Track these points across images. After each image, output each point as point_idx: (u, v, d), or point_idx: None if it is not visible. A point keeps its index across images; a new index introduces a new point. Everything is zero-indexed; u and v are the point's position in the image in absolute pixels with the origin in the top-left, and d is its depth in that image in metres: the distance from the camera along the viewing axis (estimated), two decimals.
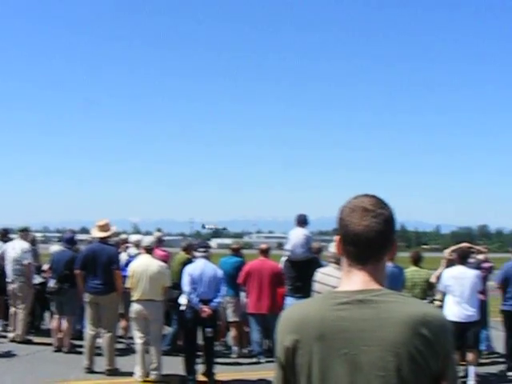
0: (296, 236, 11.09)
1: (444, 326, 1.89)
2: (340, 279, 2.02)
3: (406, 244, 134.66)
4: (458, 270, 8.75)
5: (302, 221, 11.26)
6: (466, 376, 8.64)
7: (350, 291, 1.92)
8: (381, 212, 1.95)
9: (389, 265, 9.19)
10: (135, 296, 8.64)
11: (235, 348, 10.49)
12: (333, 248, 6.89)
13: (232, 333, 10.65)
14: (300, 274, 9.67)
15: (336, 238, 2.02)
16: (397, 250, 2.08)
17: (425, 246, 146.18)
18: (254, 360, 9.94)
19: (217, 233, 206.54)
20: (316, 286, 6.84)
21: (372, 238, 1.93)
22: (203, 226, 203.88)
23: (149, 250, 8.91)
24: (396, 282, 8.88)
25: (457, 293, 8.63)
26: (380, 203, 1.99)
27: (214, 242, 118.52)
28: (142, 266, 8.68)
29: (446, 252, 9.83)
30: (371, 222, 1.93)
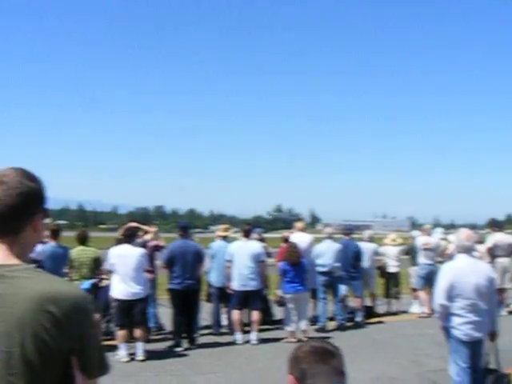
0: None
1: (79, 304, 1.88)
2: None
3: (83, 223, 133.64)
4: (123, 248, 8.98)
5: None
6: (135, 353, 8.91)
7: None
8: (16, 186, 1.91)
9: (52, 244, 9.14)
10: None
11: None
12: None
13: None
14: None
15: None
16: (42, 226, 2.02)
17: (102, 226, 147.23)
18: None
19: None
20: None
21: (1, 212, 1.89)
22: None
23: None
24: (59, 262, 8.81)
25: (121, 271, 8.83)
26: (21, 176, 1.94)
27: None
28: None
29: (118, 232, 10.03)
30: (1, 195, 1.89)
